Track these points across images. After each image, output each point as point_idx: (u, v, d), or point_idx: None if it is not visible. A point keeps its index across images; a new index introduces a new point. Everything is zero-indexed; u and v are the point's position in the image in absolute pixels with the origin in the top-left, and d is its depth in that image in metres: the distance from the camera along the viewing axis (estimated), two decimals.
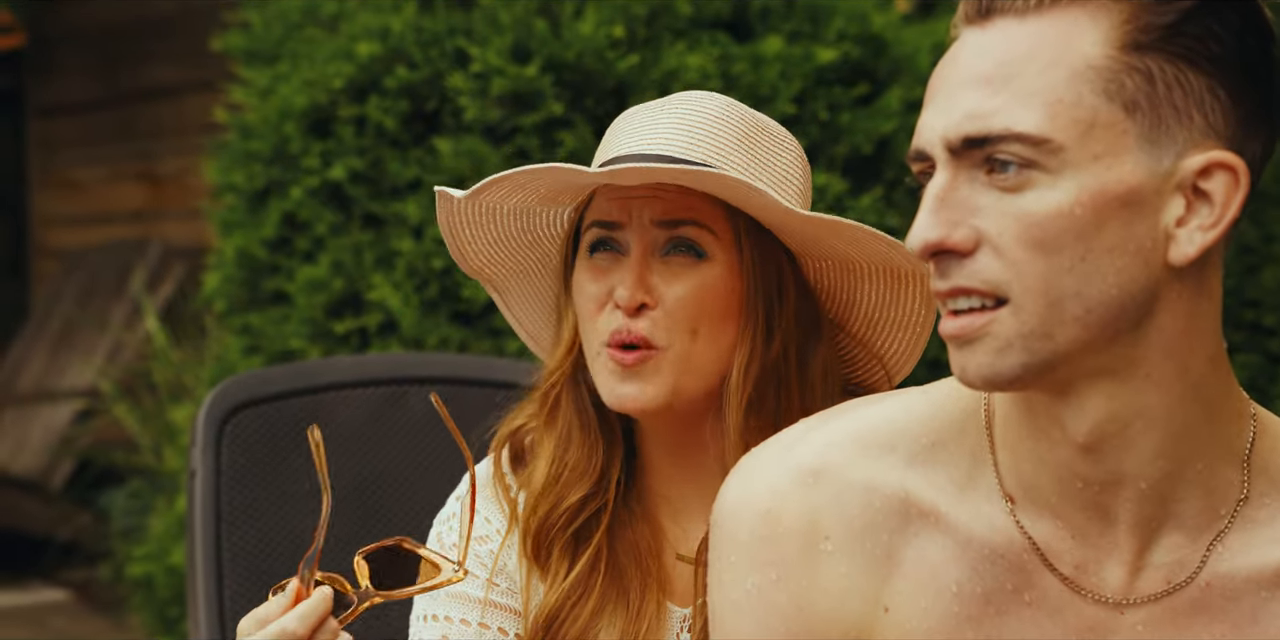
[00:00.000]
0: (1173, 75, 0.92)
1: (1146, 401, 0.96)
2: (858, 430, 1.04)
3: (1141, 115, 0.92)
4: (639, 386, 1.27)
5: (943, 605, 1.00)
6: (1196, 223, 0.94)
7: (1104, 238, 0.92)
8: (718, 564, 1.05)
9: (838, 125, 2.52)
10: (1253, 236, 2.81)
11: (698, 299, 1.28)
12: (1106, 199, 0.92)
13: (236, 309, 2.65)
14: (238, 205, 2.65)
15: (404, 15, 2.53)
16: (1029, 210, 0.92)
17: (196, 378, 3.56)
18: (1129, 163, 0.92)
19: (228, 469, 1.69)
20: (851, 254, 1.31)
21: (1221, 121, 0.93)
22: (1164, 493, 0.99)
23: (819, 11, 2.58)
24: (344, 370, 1.77)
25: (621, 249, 1.30)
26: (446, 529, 1.35)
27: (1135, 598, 1.00)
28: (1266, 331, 2.81)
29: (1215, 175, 0.93)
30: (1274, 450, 1.01)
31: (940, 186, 0.95)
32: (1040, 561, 1.00)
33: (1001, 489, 1.01)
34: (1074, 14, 0.93)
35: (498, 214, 1.35)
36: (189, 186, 5.11)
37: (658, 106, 1.33)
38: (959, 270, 0.94)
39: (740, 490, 1.04)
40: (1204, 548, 1.00)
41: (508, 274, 1.39)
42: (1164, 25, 0.92)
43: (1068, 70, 0.92)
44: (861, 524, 1.01)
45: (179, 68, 5.52)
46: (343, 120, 2.53)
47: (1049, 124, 0.92)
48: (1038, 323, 0.93)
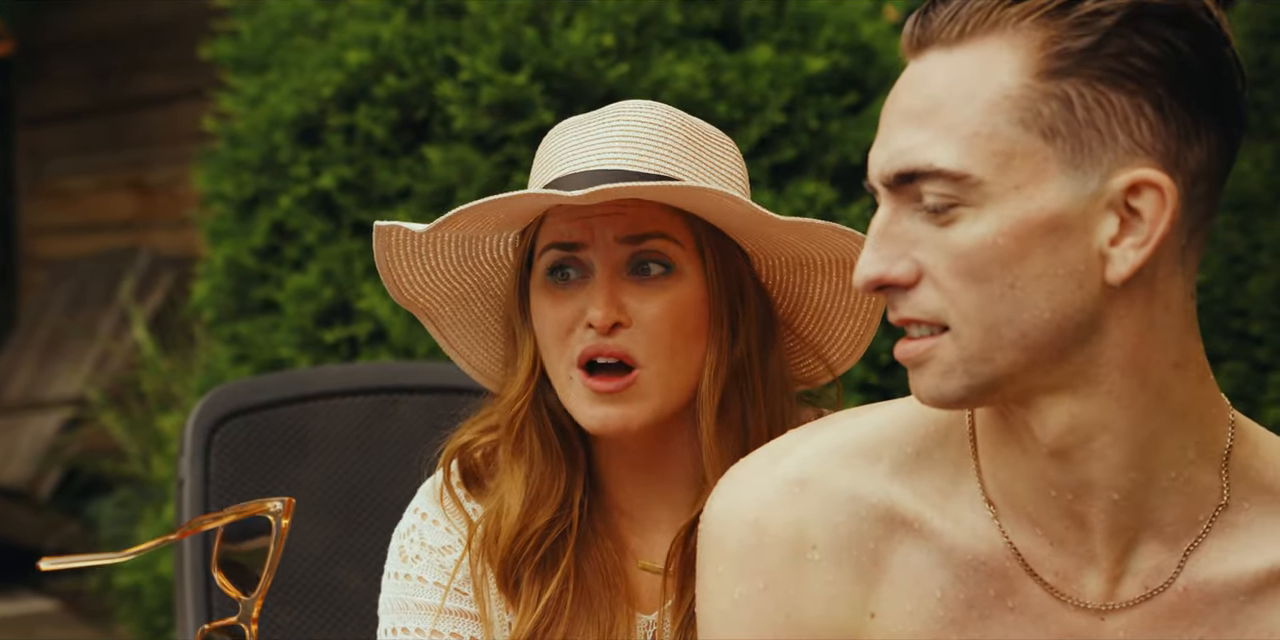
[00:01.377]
0: (1092, 98, 0.93)
1: (1109, 416, 0.97)
2: (843, 441, 1.05)
3: (1061, 141, 0.93)
4: (622, 409, 1.26)
5: (927, 610, 1.01)
6: (1130, 241, 0.94)
7: (1031, 265, 0.93)
8: (705, 574, 1.05)
9: (827, 134, 2.52)
10: (1240, 245, 2.82)
11: (674, 317, 1.27)
12: (1029, 227, 0.93)
13: (225, 318, 2.65)
14: (227, 214, 2.64)
15: (393, 24, 2.53)
16: (956, 243, 0.94)
17: (185, 387, 3.56)
18: (1051, 190, 0.93)
19: (216, 478, 1.69)
20: (810, 251, 1.31)
21: (1150, 137, 0.93)
22: (1138, 502, 0.99)
23: (808, 21, 2.59)
24: (333, 379, 1.76)
25: (584, 269, 1.28)
26: (408, 542, 1.35)
27: (1115, 604, 1.01)
28: (1254, 340, 2.82)
29: (1143, 193, 0.94)
30: (1253, 455, 1.02)
31: (881, 221, 0.97)
32: (1022, 568, 1.01)
33: (984, 496, 1.02)
34: (994, 44, 0.94)
35: (438, 243, 1.32)
36: (178, 195, 5.10)
37: (596, 119, 1.30)
38: (904, 302, 0.96)
39: (727, 501, 1.05)
40: (1181, 554, 1.00)
41: (442, 301, 1.36)
42: (1080, 49, 0.92)
43: (984, 102, 0.93)
44: (847, 532, 1.02)
45: (168, 77, 5.52)
46: (332, 129, 2.53)
47: (967, 159, 0.93)
48: (976, 348, 0.95)
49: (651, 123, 1.29)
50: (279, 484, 1.72)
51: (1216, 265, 2.78)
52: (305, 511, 1.76)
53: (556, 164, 1.29)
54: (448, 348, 1.39)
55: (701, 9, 2.55)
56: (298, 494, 1.72)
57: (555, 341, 1.28)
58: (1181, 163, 0.94)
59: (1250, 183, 2.78)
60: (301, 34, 2.65)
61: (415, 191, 2.51)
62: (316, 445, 1.73)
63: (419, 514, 1.35)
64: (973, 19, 0.94)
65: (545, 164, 1.31)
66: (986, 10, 0.94)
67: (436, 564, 1.33)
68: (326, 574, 1.70)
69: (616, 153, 1.27)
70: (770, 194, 2.48)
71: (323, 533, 1.75)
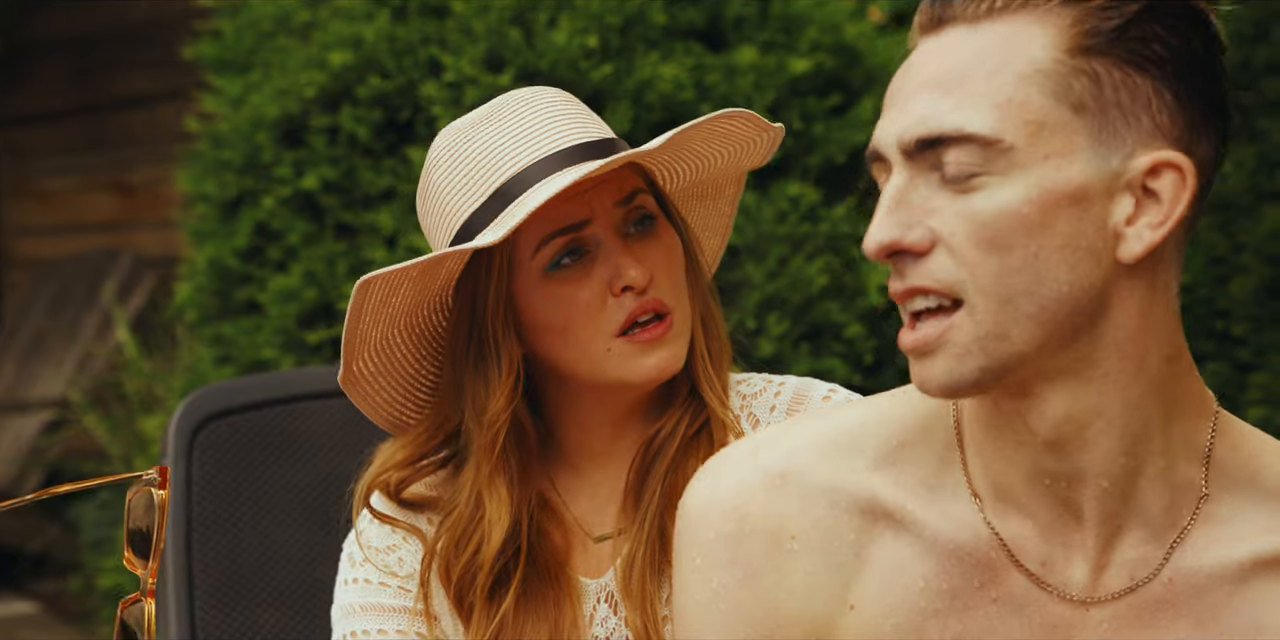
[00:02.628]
0: (1119, 78, 0.94)
1: (1105, 401, 0.98)
2: (825, 433, 1.06)
3: (1090, 116, 0.94)
4: (665, 355, 1.30)
5: (909, 601, 1.01)
6: (1145, 221, 0.95)
7: (1055, 235, 0.94)
8: (682, 565, 1.05)
9: (811, 135, 2.53)
10: (1223, 247, 2.83)
11: (674, 260, 1.32)
12: (1056, 197, 0.94)
13: (208, 319, 2.64)
14: (209, 215, 2.64)
15: (377, 24, 2.52)
16: (979, 210, 0.94)
17: (168, 388, 3.54)
18: (1078, 162, 0.94)
19: (199, 480, 1.68)
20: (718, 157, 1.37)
21: (1169, 122, 0.95)
22: (1126, 490, 1.00)
23: (793, 22, 2.59)
24: (316, 380, 1.76)
25: (588, 247, 1.29)
26: (355, 548, 1.36)
27: (1100, 595, 1.01)
28: (1236, 341, 2.83)
29: (1163, 175, 0.95)
30: (1234, 448, 1.02)
31: (896, 188, 0.97)
32: (1007, 558, 1.02)
33: (970, 487, 1.02)
34: (1022, 20, 0.95)
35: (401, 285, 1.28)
36: (161, 196, 5.09)
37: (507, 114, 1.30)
38: (915, 270, 0.96)
39: (707, 492, 1.06)
40: (1167, 545, 1.01)
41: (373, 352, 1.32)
42: (1109, 29, 0.94)
43: (1016, 73, 0.95)
44: (828, 525, 1.03)
45: (151, 77, 5.50)
46: (315, 130, 2.52)
47: (1000, 124, 0.94)
48: (993, 323, 0.95)
49: (559, 101, 1.32)
50: (261, 485, 1.71)
51: (1199, 266, 2.79)
52: (288, 513, 1.76)
53: (498, 163, 1.28)
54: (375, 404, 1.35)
55: (686, 10, 2.55)
56: (281, 495, 1.72)
57: (587, 321, 1.28)
58: (1194, 152, 0.96)
59: (1232, 184, 2.79)
60: (284, 34, 2.65)
61: (399, 192, 2.50)
62: (299, 447, 1.73)
63: (365, 519, 1.36)
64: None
65: (479, 167, 1.29)
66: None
67: (381, 563, 1.33)
68: (310, 575, 1.70)
69: (563, 131, 1.29)
70: (754, 194, 2.48)
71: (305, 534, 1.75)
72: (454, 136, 1.32)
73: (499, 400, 1.29)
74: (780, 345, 2.43)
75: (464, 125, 1.32)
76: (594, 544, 1.34)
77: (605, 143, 1.31)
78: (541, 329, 1.30)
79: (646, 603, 1.29)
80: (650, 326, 1.29)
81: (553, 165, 1.28)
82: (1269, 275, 2.81)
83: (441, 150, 1.32)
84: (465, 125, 1.32)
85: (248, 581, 1.70)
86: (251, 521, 1.70)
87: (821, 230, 2.48)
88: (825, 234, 2.48)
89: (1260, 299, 2.81)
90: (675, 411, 1.33)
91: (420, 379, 1.36)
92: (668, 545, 1.29)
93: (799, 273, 2.45)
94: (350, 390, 1.33)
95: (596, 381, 1.31)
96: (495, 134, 1.30)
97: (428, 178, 1.33)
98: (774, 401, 1.34)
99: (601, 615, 1.32)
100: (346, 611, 1.34)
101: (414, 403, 1.36)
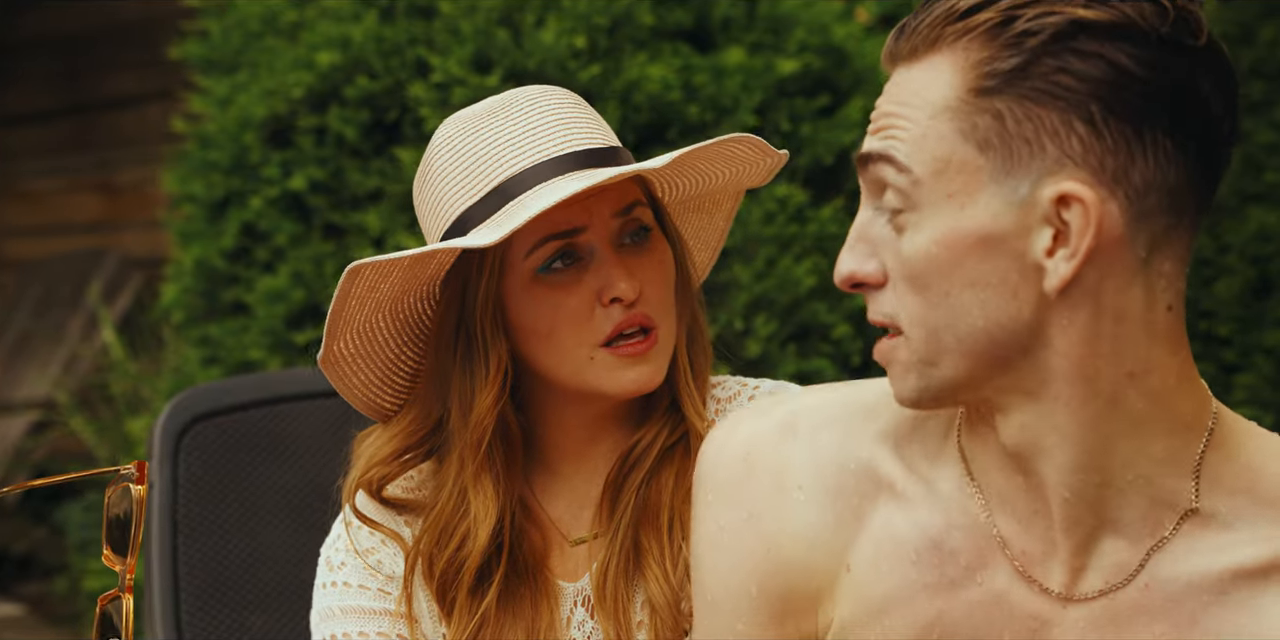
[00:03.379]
0: (1021, 113, 0.95)
1: (1059, 420, 0.99)
2: (847, 396, 1.10)
3: (994, 152, 0.96)
4: (648, 369, 1.30)
5: (901, 572, 1.04)
6: (1062, 253, 0.96)
7: (963, 274, 0.97)
8: (697, 503, 1.11)
9: (799, 136, 2.53)
10: (1208, 248, 2.84)
11: (666, 274, 1.33)
12: (960, 236, 0.97)
13: (195, 320, 2.63)
14: (196, 215, 2.63)
15: (364, 25, 2.52)
16: (903, 250, 0.99)
17: (154, 389, 3.53)
18: (982, 200, 0.96)
19: (185, 481, 1.68)
20: (720, 175, 1.37)
21: (1080, 151, 0.95)
22: (1091, 501, 1.01)
23: (780, 23, 2.59)
24: (304, 381, 1.75)
25: (581, 254, 1.29)
26: (334, 551, 1.36)
27: (1077, 595, 1.02)
28: (1221, 342, 2.84)
29: (1072, 206, 0.96)
30: (1229, 460, 1.02)
31: (860, 222, 1.02)
32: (996, 543, 1.03)
33: (966, 469, 1.04)
34: (939, 60, 0.98)
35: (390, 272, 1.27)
36: (148, 197, 5.07)
37: (514, 111, 1.29)
38: (870, 303, 1.02)
39: (723, 437, 1.11)
40: (1144, 552, 1.01)
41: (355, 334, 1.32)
42: (1007, 70, 0.95)
43: (930, 110, 0.98)
44: (835, 482, 1.06)
45: (137, 77, 5.48)
46: (303, 130, 2.52)
47: (913, 155, 0.98)
48: (924, 352, 0.99)
49: (567, 103, 1.32)
50: (248, 487, 1.71)
51: None
52: (275, 514, 1.75)
53: (500, 160, 1.28)
54: (354, 388, 1.34)
55: (674, 11, 2.55)
56: (268, 497, 1.72)
57: (573, 328, 1.29)
58: (1122, 177, 0.95)
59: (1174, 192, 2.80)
60: (272, 35, 2.64)
61: (387, 193, 2.50)
62: (287, 448, 1.72)
63: (344, 523, 1.36)
64: (921, 37, 0.99)
65: (481, 162, 1.28)
66: (932, 29, 0.98)
67: (361, 567, 1.33)
68: (297, 576, 1.69)
69: (569, 135, 1.29)
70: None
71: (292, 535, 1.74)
72: (459, 127, 1.31)
73: (486, 399, 1.29)
74: (768, 346, 2.44)
75: (470, 116, 1.31)
76: (571, 547, 1.35)
77: (610, 151, 1.30)
78: (527, 331, 1.30)
79: (620, 611, 1.30)
80: (635, 341, 1.29)
81: (554, 169, 1.27)
82: (1254, 276, 2.82)
83: (444, 140, 1.31)
84: (471, 116, 1.31)
85: (234, 583, 1.69)
86: (238, 523, 1.70)
87: (809, 231, 2.48)
88: (813, 235, 2.48)
89: (1245, 300, 2.82)
90: (654, 424, 1.34)
91: (400, 364, 1.35)
92: (641, 555, 1.31)
93: (787, 273, 2.45)
94: (328, 370, 1.33)
95: (575, 387, 1.31)
96: (500, 130, 1.29)
97: (428, 165, 1.32)
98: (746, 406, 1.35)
99: (579, 618, 1.33)
100: (326, 615, 1.34)
101: (391, 387, 1.36)
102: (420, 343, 1.35)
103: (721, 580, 1.08)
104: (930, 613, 1.03)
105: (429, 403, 1.33)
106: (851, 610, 1.05)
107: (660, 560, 1.29)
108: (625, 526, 1.31)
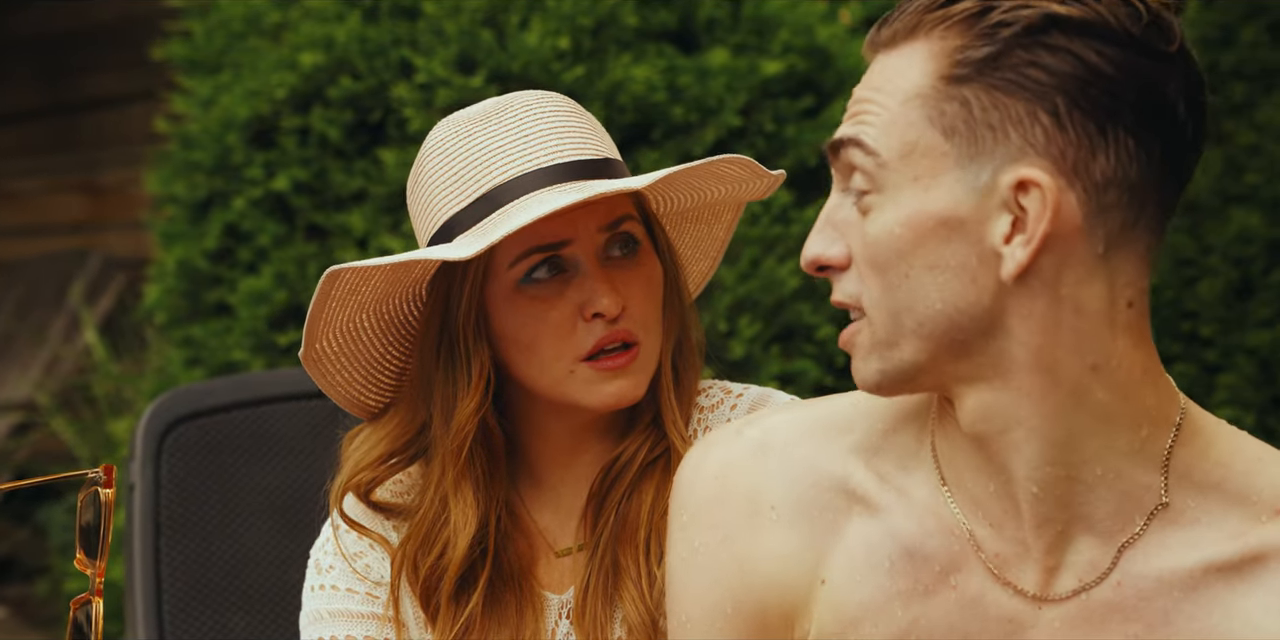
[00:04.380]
0: (988, 101, 0.97)
1: (1023, 412, 1.00)
2: (819, 413, 1.11)
3: (960, 138, 0.98)
4: (628, 383, 1.29)
5: (876, 581, 1.05)
6: (1019, 239, 0.98)
7: (923, 257, 0.99)
8: (672, 525, 1.12)
9: (783, 137, 2.53)
10: (1190, 249, 2.85)
11: (653, 291, 1.32)
12: (923, 219, 0.98)
13: (178, 321, 2.63)
14: (179, 216, 2.62)
15: (348, 25, 2.51)
16: (867, 231, 1.00)
17: (137, 390, 3.52)
18: (945, 184, 0.98)
19: (167, 482, 1.67)
20: (715, 192, 1.36)
21: (1043, 140, 0.97)
22: (1059, 496, 1.01)
23: (765, 24, 2.59)
24: (287, 382, 1.75)
25: (565, 266, 1.28)
26: (323, 554, 1.36)
27: (1051, 595, 1.03)
28: (1203, 342, 2.85)
29: (1030, 192, 0.97)
30: (1202, 455, 1.03)
31: (828, 207, 1.04)
32: (970, 548, 1.04)
33: (939, 473, 1.05)
34: (916, 48, 1.00)
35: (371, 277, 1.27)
36: (130, 197, 5.06)
37: (506, 116, 1.28)
38: (836, 285, 1.03)
39: (697, 460, 1.12)
40: (1116, 549, 1.02)
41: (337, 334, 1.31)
42: (979, 59, 0.97)
43: (902, 96, 1.00)
44: (809, 499, 1.08)
45: (120, 78, 5.47)
46: (286, 131, 2.51)
47: (881, 139, 1.00)
48: (884, 334, 1.01)
49: (563, 110, 1.30)
50: (231, 488, 1.71)
51: (1166, 268, 2.81)
52: (258, 516, 1.75)
53: (490, 167, 1.27)
54: (331, 376, 1.33)
55: (658, 12, 2.55)
56: (250, 498, 1.71)
57: (554, 342, 1.27)
58: (1083, 170, 0.97)
59: (1199, 187, 2.81)
60: (255, 35, 2.63)
61: (370, 194, 2.50)
62: (269, 449, 1.72)
63: (332, 526, 1.36)
64: (901, 23, 1.01)
65: (471, 167, 1.27)
66: (912, 18, 1.00)
67: (349, 571, 1.33)
68: (281, 578, 1.69)
69: (562, 144, 1.27)
70: None
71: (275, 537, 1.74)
72: (452, 129, 1.30)
73: (468, 406, 1.29)
74: (752, 347, 2.44)
75: (464, 119, 1.30)
76: (556, 558, 1.35)
77: (602, 163, 1.29)
78: (509, 340, 1.29)
79: (598, 630, 1.30)
80: (615, 355, 1.28)
81: (545, 179, 1.26)
82: (1236, 277, 2.83)
83: (437, 142, 1.30)
84: (466, 119, 1.30)
85: (217, 585, 1.69)
86: (221, 524, 1.69)
87: (793, 232, 2.48)
88: (797, 236, 2.48)
89: (1227, 301, 2.83)
90: (637, 437, 1.33)
91: (385, 364, 1.35)
92: (619, 573, 1.31)
93: (771, 275, 2.45)
94: (310, 368, 1.32)
95: (555, 399, 1.30)
96: (493, 135, 1.28)
97: (420, 167, 1.32)
98: (729, 415, 1.35)
99: (564, 631, 1.33)
100: (314, 618, 1.34)
101: (376, 385, 1.35)
102: (406, 342, 1.35)
103: (696, 600, 1.09)
104: (905, 620, 1.03)
105: (414, 406, 1.33)
106: (827, 622, 1.06)
107: (637, 579, 1.30)
108: (605, 543, 1.31)
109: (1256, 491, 1.02)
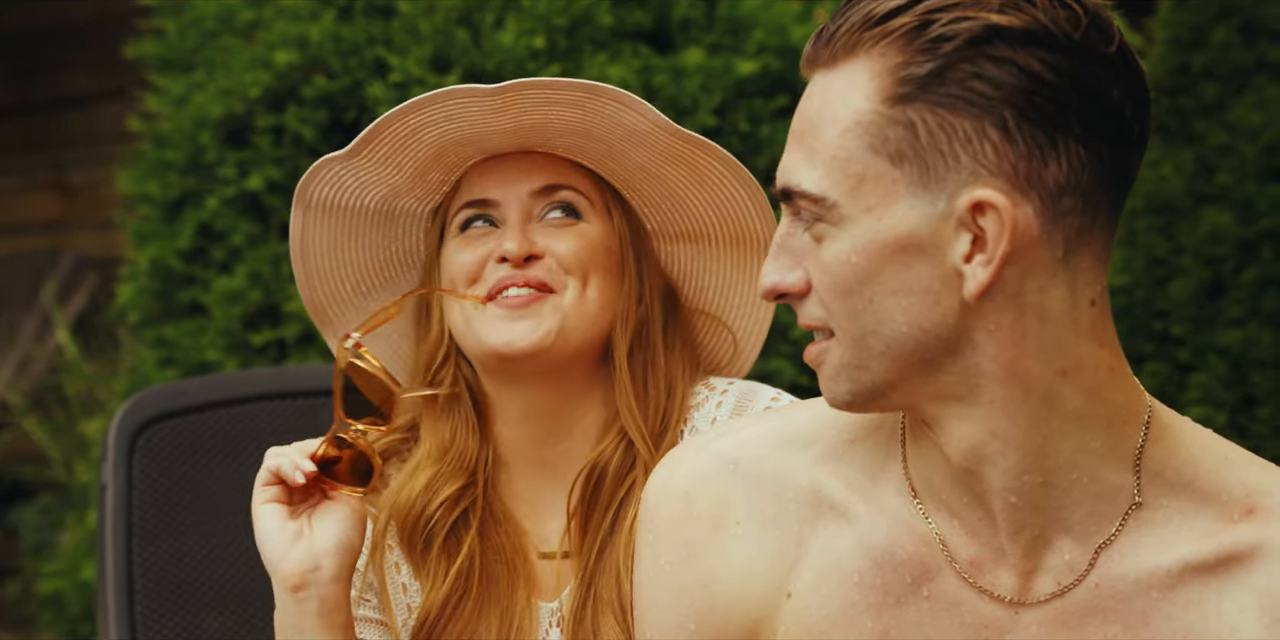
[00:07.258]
0: (935, 123, 0.96)
1: (997, 425, 1.00)
2: (782, 427, 1.11)
3: (909, 164, 0.97)
4: (530, 324, 1.33)
5: (843, 594, 1.04)
6: (980, 259, 0.98)
7: (884, 282, 0.99)
8: (639, 543, 1.12)
9: (758, 137, 2.54)
10: (1162, 248, 2.87)
11: (585, 250, 1.36)
12: (879, 247, 0.98)
13: (151, 321, 2.62)
14: (152, 216, 2.61)
15: (322, 24, 2.51)
16: (823, 258, 1.00)
17: (109, 391, 3.51)
18: (899, 211, 0.98)
19: (140, 483, 1.67)
20: (708, 217, 1.39)
21: (994, 158, 0.96)
22: (1037, 503, 1.02)
23: (739, 24, 2.60)
24: (261, 382, 1.75)
25: (495, 222, 1.38)
26: None
27: (1029, 598, 1.03)
28: (1175, 341, 2.87)
29: (986, 213, 0.97)
30: (1172, 453, 1.03)
31: (780, 234, 1.03)
32: (942, 556, 1.04)
33: (909, 483, 1.05)
34: (856, 67, 0.98)
35: (356, 230, 1.41)
36: (102, 197, 5.03)
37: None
38: (799, 310, 1.03)
39: (664, 475, 1.12)
40: (1093, 551, 1.02)
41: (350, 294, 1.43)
42: (923, 75, 0.96)
43: (842, 127, 0.99)
44: (773, 513, 1.07)
45: (92, 76, 5.44)
46: (260, 130, 2.50)
47: (825, 181, 0.99)
48: (852, 355, 1.01)
49: None
50: (205, 489, 1.70)
51: (1138, 268, 2.83)
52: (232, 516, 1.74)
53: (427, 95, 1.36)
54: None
55: (633, 11, 2.56)
56: (225, 499, 1.71)
57: (466, 281, 1.36)
58: (1036, 180, 0.97)
59: (1171, 187, 2.83)
60: (228, 34, 2.62)
61: None
62: (243, 449, 1.71)
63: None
64: (840, 42, 0.99)
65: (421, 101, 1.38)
66: (850, 34, 0.98)
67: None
68: (254, 579, 1.68)
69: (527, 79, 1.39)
70: None
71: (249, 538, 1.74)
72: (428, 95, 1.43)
73: (426, 350, 1.38)
74: None
75: (442, 91, 1.44)
76: (540, 559, 1.37)
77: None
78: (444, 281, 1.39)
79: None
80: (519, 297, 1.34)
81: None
82: (1208, 277, 2.85)
83: None
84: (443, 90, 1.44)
85: (191, 586, 1.68)
86: (195, 525, 1.69)
87: None
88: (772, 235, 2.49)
89: (1199, 300, 2.85)
90: (609, 441, 1.36)
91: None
92: (606, 588, 1.33)
93: None
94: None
95: (470, 348, 1.36)
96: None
97: None
98: (715, 413, 1.37)
99: (554, 639, 1.35)
100: None
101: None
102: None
103: (660, 617, 1.09)
104: (875, 631, 1.03)
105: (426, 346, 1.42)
106: (794, 636, 1.05)
107: (612, 602, 1.32)
108: (592, 564, 1.34)
109: (1227, 490, 1.03)
